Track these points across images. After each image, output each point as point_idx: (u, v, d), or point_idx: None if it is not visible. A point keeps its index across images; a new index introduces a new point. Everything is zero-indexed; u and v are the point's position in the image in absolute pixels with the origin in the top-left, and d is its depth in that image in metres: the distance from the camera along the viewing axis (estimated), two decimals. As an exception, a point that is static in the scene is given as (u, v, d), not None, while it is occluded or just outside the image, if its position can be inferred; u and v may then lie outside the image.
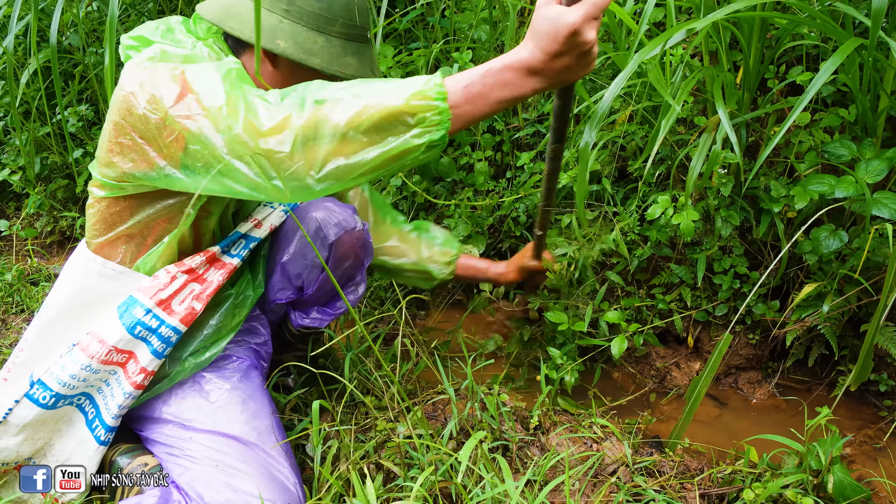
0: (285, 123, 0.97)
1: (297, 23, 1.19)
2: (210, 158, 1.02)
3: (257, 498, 1.12)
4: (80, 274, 1.25)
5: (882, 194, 1.34)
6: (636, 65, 1.20)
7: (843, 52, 1.19)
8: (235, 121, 0.99)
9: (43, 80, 2.64)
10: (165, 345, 1.21)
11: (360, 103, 0.96)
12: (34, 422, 1.20)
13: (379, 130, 0.96)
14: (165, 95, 1.04)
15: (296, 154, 0.97)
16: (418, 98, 0.95)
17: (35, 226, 2.85)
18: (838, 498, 1.17)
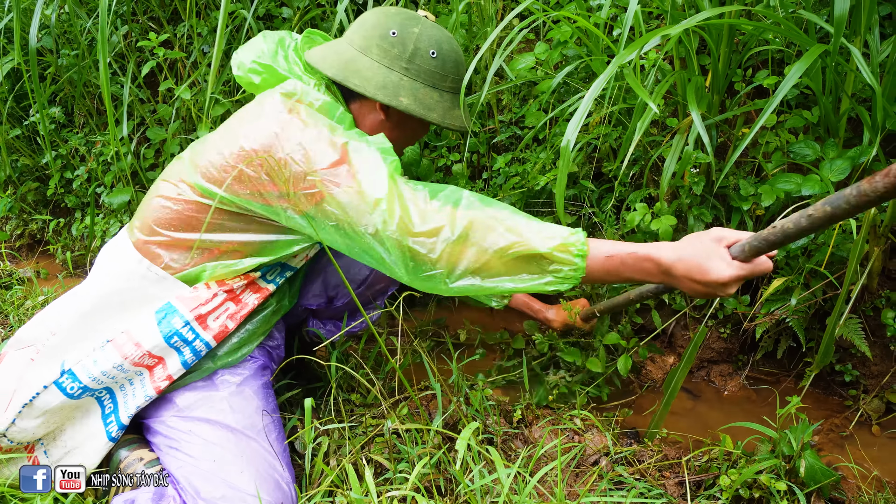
0: (437, 232, 1.07)
1: (415, 80, 1.29)
2: (346, 225, 1.11)
3: (252, 495, 1.13)
4: (124, 272, 1.27)
5: (844, 192, 1.41)
6: (615, 67, 1.25)
7: (808, 58, 1.25)
8: (391, 217, 1.08)
9: (11, 83, 2.60)
10: (195, 357, 1.25)
11: (510, 238, 1.07)
12: (55, 408, 1.22)
13: (518, 266, 1.06)
14: (320, 155, 1.12)
15: (440, 262, 1.08)
16: (562, 250, 1.05)
17: (4, 229, 2.79)
18: (809, 482, 1.22)
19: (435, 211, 1.09)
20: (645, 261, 1.06)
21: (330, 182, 1.11)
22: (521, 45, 2.06)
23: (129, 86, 2.34)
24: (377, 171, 1.11)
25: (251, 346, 1.33)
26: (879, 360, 1.64)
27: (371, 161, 1.13)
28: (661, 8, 1.60)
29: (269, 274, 1.35)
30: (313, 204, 1.13)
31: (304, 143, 1.13)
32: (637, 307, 1.81)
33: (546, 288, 1.08)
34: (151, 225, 1.27)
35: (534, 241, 1.06)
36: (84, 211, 2.60)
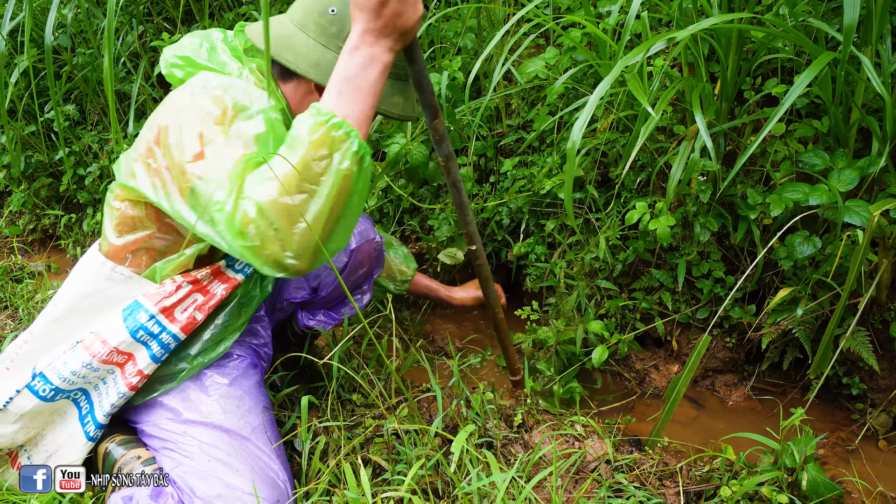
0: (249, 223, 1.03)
1: None
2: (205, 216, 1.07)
3: (248, 493, 1.14)
4: (90, 276, 1.27)
5: (853, 202, 1.39)
6: (619, 70, 1.24)
7: (816, 66, 1.24)
8: (222, 218, 1.04)
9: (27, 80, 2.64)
10: (164, 350, 1.25)
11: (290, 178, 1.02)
12: (31, 412, 1.22)
13: (310, 183, 1.01)
14: (188, 148, 1.08)
15: (268, 244, 1.02)
16: (317, 131, 1.01)
17: (17, 223, 2.83)
18: (812, 495, 1.21)
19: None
20: (350, 58, 1.04)
21: (193, 175, 1.08)
22: (530, 50, 2.06)
23: (142, 85, 2.37)
24: (222, 169, 1.06)
25: (228, 341, 1.32)
26: (888, 373, 1.62)
27: (222, 156, 1.08)
28: (671, 14, 1.59)
29: (236, 263, 1.32)
30: (190, 196, 1.09)
31: (181, 131, 1.11)
32: (638, 316, 1.80)
33: (347, 164, 1.03)
34: (105, 231, 1.28)
35: (299, 152, 1.02)
36: (95, 207, 2.63)
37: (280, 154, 1.03)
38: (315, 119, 1.02)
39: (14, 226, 2.80)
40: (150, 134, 1.15)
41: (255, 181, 1.03)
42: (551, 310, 1.83)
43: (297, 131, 1.03)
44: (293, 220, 1.01)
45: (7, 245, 2.76)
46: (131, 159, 1.19)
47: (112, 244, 1.26)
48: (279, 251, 1.02)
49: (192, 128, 1.10)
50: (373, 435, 1.35)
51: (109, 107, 1.80)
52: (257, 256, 1.03)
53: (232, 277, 1.31)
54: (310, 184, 1.01)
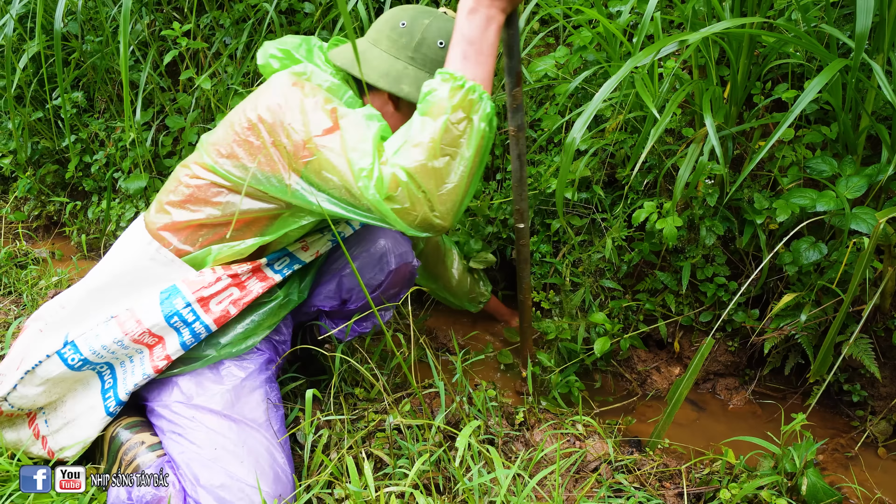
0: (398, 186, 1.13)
1: (421, 69, 1.30)
2: (344, 191, 1.14)
3: (251, 486, 1.15)
4: (134, 253, 1.30)
5: (860, 209, 1.39)
6: (628, 69, 1.24)
7: (828, 73, 1.24)
8: (372, 182, 1.12)
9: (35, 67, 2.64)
10: (194, 339, 1.27)
11: (431, 136, 1.11)
12: (56, 378, 1.25)
13: (451, 146, 1.10)
14: (315, 123, 1.16)
15: (417, 206, 1.12)
16: (455, 95, 1.09)
17: (23, 209, 2.83)
18: (811, 500, 1.21)
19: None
20: (462, 30, 1.13)
21: (325, 148, 1.14)
22: (540, 49, 2.06)
23: (151, 73, 2.37)
24: (364, 139, 1.14)
25: (257, 337, 1.34)
26: (889, 381, 1.62)
27: (359, 128, 1.16)
28: (683, 16, 1.59)
29: (275, 263, 1.37)
30: (313, 171, 1.16)
31: (304, 111, 1.18)
32: (642, 318, 1.81)
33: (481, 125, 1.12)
34: (164, 206, 1.31)
35: (439, 122, 1.10)
36: (101, 195, 2.64)
37: (421, 120, 1.11)
38: (451, 84, 1.10)
39: (19, 212, 2.81)
40: (252, 114, 1.21)
41: (396, 148, 1.11)
42: (555, 308, 1.84)
43: (435, 97, 1.11)
44: (440, 182, 1.10)
45: (11, 231, 2.76)
46: (223, 140, 1.24)
47: (172, 220, 1.30)
48: (428, 212, 1.11)
49: (317, 105, 1.18)
50: (375, 429, 1.35)
51: (124, 95, 1.81)
52: (406, 218, 1.11)
53: (270, 277, 1.35)
54: (451, 147, 1.10)
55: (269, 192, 1.24)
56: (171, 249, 1.30)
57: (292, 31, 2.33)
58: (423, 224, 1.12)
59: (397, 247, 1.49)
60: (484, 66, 1.14)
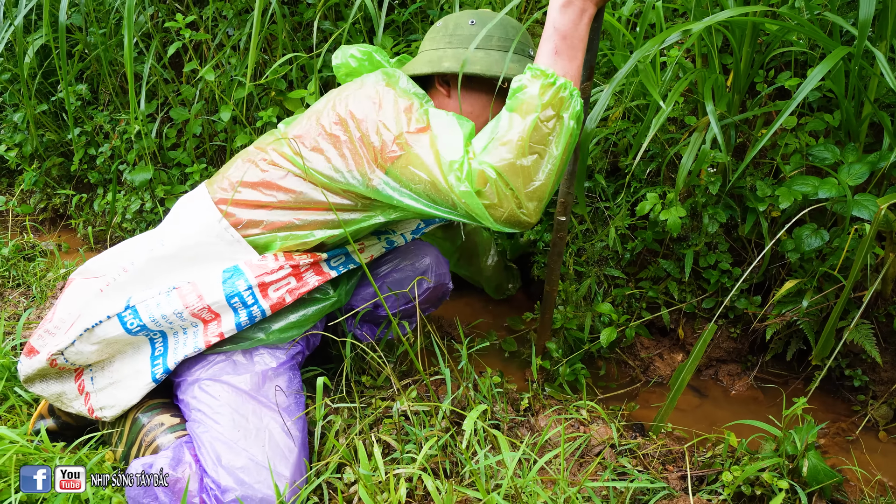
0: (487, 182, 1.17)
1: (458, 48, 1.35)
2: (430, 186, 1.18)
3: (268, 470, 1.17)
4: (201, 227, 1.34)
5: (862, 196, 1.40)
6: (634, 62, 1.25)
7: (831, 60, 1.25)
8: (464, 177, 1.14)
9: (39, 59, 2.64)
10: (249, 321, 1.30)
11: (520, 135, 1.13)
12: (112, 339, 1.28)
13: (540, 144, 1.12)
14: (407, 122, 1.21)
15: (504, 203, 1.14)
16: (546, 93, 1.11)
17: (28, 202, 2.85)
18: (812, 482, 1.23)
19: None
20: (555, 21, 1.15)
21: (416, 144, 1.18)
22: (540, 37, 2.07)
23: (154, 65, 2.38)
24: (454, 137, 1.18)
25: (303, 329, 1.38)
26: (890, 366, 1.64)
27: (449, 127, 1.20)
28: (685, 5, 1.59)
29: (332, 260, 1.40)
30: (400, 166, 1.20)
31: (397, 110, 1.23)
32: (644, 305, 1.82)
33: (571, 123, 1.14)
34: (237, 185, 1.35)
35: (529, 122, 1.11)
36: (106, 187, 2.65)
37: (510, 116, 1.12)
38: (542, 81, 1.11)
39: (25, 205, 2.83)
40: (342, 109, 1.26)
41: (484, 145, 1.14)
42: (559, 297, 1.85)
43: (526, 94, 1.12)
44: (528, 180, 1.12)
45: (18, 223, 2.78)
46: (307, 133, 1.29)
47: (243, 198, 1.33)
48: (515, 209, 1.13)
49: (410, 106, 1.23)
50: (382, 416, 1.37)
51: (129, 87, 1.82)
52: (494, 214, 1.14)
53: (326, 272, 1.38)
54: (540, 145, 1.11)
55: (348, 187, 1.28)
56: (237, 223, 1.33)
57: (294, 21, 2.34)
58: (510, 220, 1.14)
59: (439, 267, 1.57)
60: (574, 60, 1.15)
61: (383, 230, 1.54)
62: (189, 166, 2.39)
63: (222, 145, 2.44)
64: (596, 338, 1.73)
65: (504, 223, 1.15)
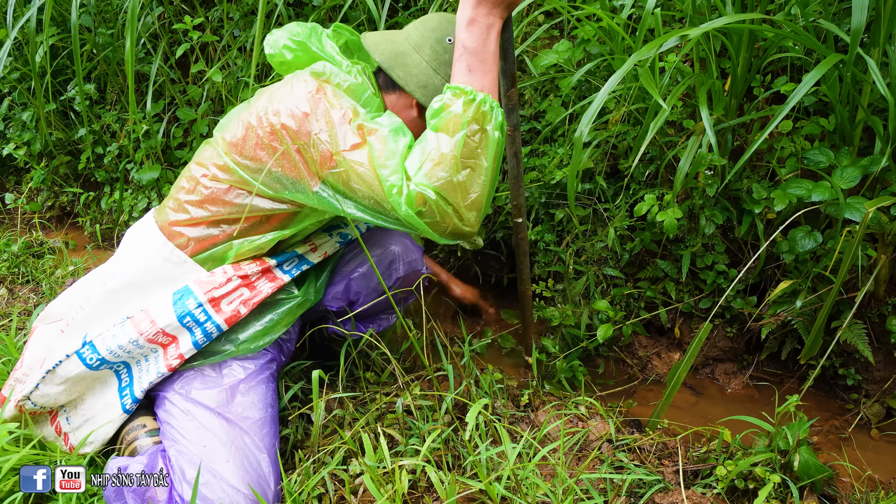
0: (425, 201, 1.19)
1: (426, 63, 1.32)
2: (371, 202, 1.19)
3: (231, 486, 1.19)
4: (149, 253, 1.35)
5: (855, 199, 1.44)
6: (631, 64, 1.29)
7: (823, 67, 1.28)
8: (402, 198, 1.16)
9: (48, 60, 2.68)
10: (206, 338, 1.31)
11: (451, 155, 1.15)
12: (76, 377, 1.29)
13: (470, 158, 1.15)
14: (342, 137, 1.19)
15: (446, 219, 1.17)
16: (469, 109, 1.13)
17: (36, 200, 2.88)
18: (803, 476, 1.27)
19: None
20: (463, 40, 1.17)
21: (353, 162, 1.18)
22: (545, 42, 2.10)
23: (162, 66, 2.42)
24: (391, 154, 1.18)
25: (274, 335, 1.38)
26: (882, 365, 1.67)
27: (386, 143, 1.19)
28: (684, 11, 1.63)
29: (284, 264, 1.41)
30: (342, 181, 1.20)
31: (331, 123, 1.20)
32: (643, 305, 1.86)
33: (495, 133, 1.17)
34: (183, 204, 1.34)
35: (454, 139, 1.14)
36: (113, 186, 2.69)
37: (437, 136, 1.15)
38: (463, 98, 1.14)
39: (33, 202, 2.86)
40: (274, 119, 1.23)
41: (417, 167, 1.15)
42: (558, 295, 1.89)
43: (450, 113, 1.14)
44: (465, 194, 1.16)
45: (26, 221, 2.82)
46: (243, 143, 1.27)
47: (191, 217, 1.33)
48: (457, 223, 1.17)
49: (344, 118, 1.20)
50: (386, 411, 1.41)
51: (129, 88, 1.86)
52: (437, 229, 1.17)
53: (279, 277, 1.38)
54: (470, 159, 1.15)
55: (290, 197, 1.27)
56: (189, 242, 1.33)
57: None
58: (454, 233, 1.19)
59: (407, 254, 1.54)
60: (488, 74, 1.17)
61: (334, 225, 1.52)
62: (195, 166, 2.43)
63: (228, 145, 2.47)
64: (593, 335, 1.76)
65: (449, 236, 1.19)
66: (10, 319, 1.88)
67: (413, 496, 1.19)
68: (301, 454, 1.32)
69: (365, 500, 1.19)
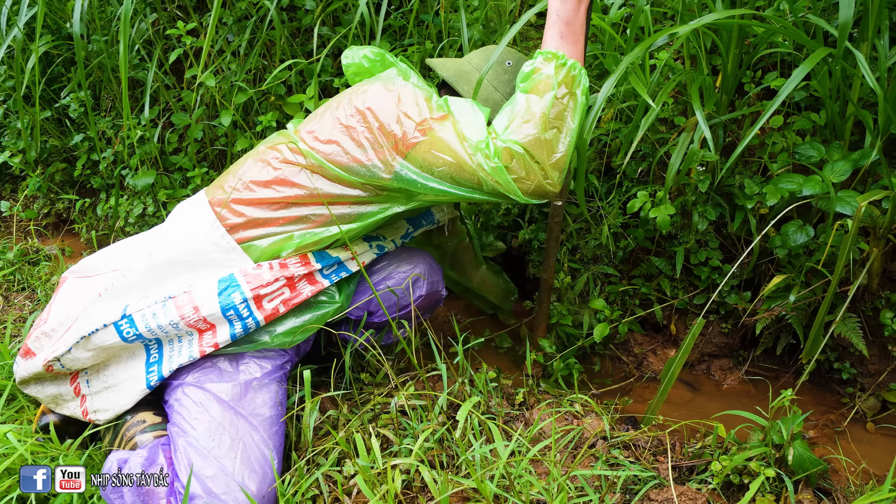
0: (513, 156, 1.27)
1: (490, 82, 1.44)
2: (454, 167, 1.25)
3: (239, 482, 1.20)
4: (199, 234, 1.37)
5: (846, 193, 1.44)
6: (624, 68, 1.30)
7: (811, 61, 1.29)
8: (492, 154, 1.23)
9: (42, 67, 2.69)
10: (244, 332, 1.33)
11: (541, 111, 1.25)
12: (108, 346, 1.31)
13: (558, 119, 1.24)
14: (428, 110, 1.30)
15: (531, 176, 1.24)
16: (560, 72, 1.24)
17: (32, 207, 2.89)
18: (797, 470, 1.27)
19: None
20: (556, 9, 1.28)
21: (439, 128, 1.27)
22: (536, 42, 2.11)
23: (156, 72, 2.42)
24: (476, 119, 1.28)
25: (305, 335, 1.39)
26: (877, 359, 1.67)
27: (470, 112, 1.30)
28: (675, 8, 1.63)
29: (325, 269, 1.43)
30: (422, 151, 1.27)
31: (416, 101, 1.30)
32: (638, 302, 1.86)
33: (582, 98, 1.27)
34: (249, 183, 1.38)
35: (548, 98, 1.23)
36: (109, 192, 2.69)
37: (527, 97, 1.24)
38: (555, 62, 1.24)
39: (29, 209, 2.87)
40: (359, 103, 1.33)
41: (505, 125, 1.24)
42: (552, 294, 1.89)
43: (541, 75, 1.24)
44: (551, 152, 1.23)
45: (22, 228, 2.82)
46: (321, 128, 1.35)
47: (257, 196, 1.36)
48: (542, 180, 1.24)
49: (429, 97, 1.32)
50: (380, 411, 1.41)
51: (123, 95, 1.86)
52: (522, 186, 1.24)
53: (319, 282, 1.41)
54: (558, 120, 1.23)
55: (367, 177, 1.32)
56: (245, 224, 1.36)
57: (293, 27, 2.38)
58: (538, 191, 1.25)
59: (432, 274, 1.61)
60: (578, 44, 1.28)
61: (374, 236, 1.56)
62: (190, 170, 2.44)
63: (223, 149, 2.48)
64: (589, 334, 1.76)
65: (531, 195, 1.25)
66: (5, 326, 1.88)
67: (407, 496, 1.19)
68: (295, 455, 1.32)
69: (359, 501, 1.19)
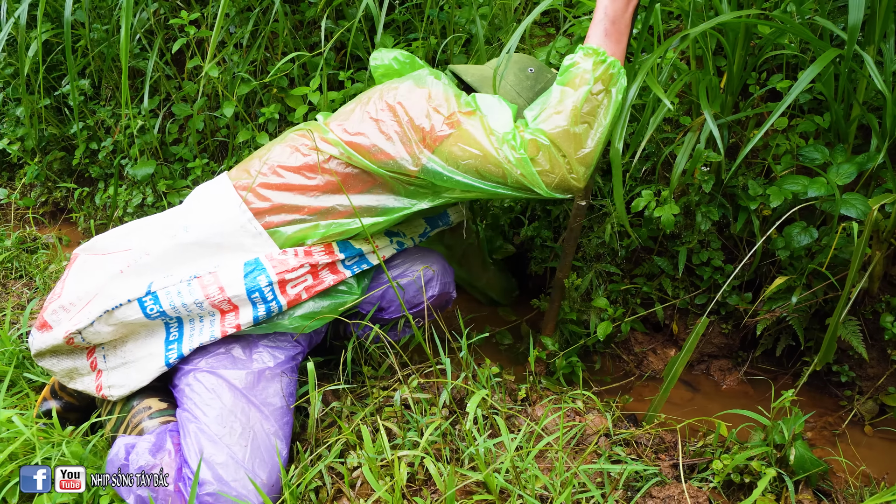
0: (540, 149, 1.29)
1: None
2: (481, 160, 1.27)
3: (248, 470, 1.20)
4: (225, 216, 1.37)
5: (850, 195, 1.45)
6: (646, 71, 1.30)
7: (820, 63, 1.29)
8: (518, 147, 1.25)
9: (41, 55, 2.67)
10: (266, 315, 1.34)
11: (572, 106, 1.26)
12: (130, 322, 1.31)
13: (591, 115, 1.25)
14: (457, 105, 1.32)
15: (556, 169, 1.26)
16: (598, 69, 1.24)
17: (30, 195, 2.87)
18: (798, 470, 1.27)
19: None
20: (605, 8, 1.28)
21: (467, 122, 1.28)
22: (541, 40, 2.11)
23: (157, 62, 2.41)
24: (503, 113, 1.31)
25: (322, 321, 1.40)
26: (876, 362, 1.68)
27: (497, 106, 1.33)
28: (681, 8, 1.64)
29: (347, 260, 1.44)
30: (449, 145, 1.28)
31: (446, 96, 1.33)
32: (639, 301, 1.86)
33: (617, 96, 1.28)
34: (277, 168, 1.39)
35: (582, 93, 1.24)
36: (107, 181, 2.68)
37: (562, 89, 1.24)
38: (594, 58, 1.24)
39: (27, 198, 2.85)
40: (391, 98, 1.35)
41: (536, 115, 1.26)
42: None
43: (579, 69, 1.25)
44: (578, 146, 1.23)
45: (20, 216, 2.80)
46: (351, 120, 1.36)
47: (285, 182, 1.37)
48: (566, 174, 1.24)
49: (459, 94, 1.34)
50: (384, 404, 1.41)
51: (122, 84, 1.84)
52: (546, 179, 1.24)
53: (341, 272, 1.42)
54: (590, 115, 1.23)
55: (395, 169, 1.33)
56: (271, 209, 1.37)
57: (296, 20, 2.37)
58: (562, 185, 1.26)
59: (444, 275, 1.62)
60: (621, 43, 1.27)
61: (395, 231, 1.57)
62: (191, 161, 2.42)
63: (224, 141, 2.47)
64: (593, 332, 1.77)
65: (555, 188, 1.25)
66: (4, 314, 1.87)
67: (411, 489, 1.19)
68: (299, 447, 1.32)
69: (363, 492, 1.19)
